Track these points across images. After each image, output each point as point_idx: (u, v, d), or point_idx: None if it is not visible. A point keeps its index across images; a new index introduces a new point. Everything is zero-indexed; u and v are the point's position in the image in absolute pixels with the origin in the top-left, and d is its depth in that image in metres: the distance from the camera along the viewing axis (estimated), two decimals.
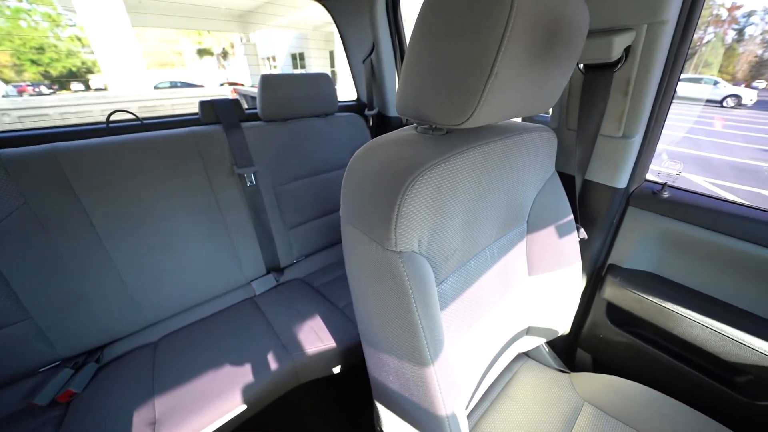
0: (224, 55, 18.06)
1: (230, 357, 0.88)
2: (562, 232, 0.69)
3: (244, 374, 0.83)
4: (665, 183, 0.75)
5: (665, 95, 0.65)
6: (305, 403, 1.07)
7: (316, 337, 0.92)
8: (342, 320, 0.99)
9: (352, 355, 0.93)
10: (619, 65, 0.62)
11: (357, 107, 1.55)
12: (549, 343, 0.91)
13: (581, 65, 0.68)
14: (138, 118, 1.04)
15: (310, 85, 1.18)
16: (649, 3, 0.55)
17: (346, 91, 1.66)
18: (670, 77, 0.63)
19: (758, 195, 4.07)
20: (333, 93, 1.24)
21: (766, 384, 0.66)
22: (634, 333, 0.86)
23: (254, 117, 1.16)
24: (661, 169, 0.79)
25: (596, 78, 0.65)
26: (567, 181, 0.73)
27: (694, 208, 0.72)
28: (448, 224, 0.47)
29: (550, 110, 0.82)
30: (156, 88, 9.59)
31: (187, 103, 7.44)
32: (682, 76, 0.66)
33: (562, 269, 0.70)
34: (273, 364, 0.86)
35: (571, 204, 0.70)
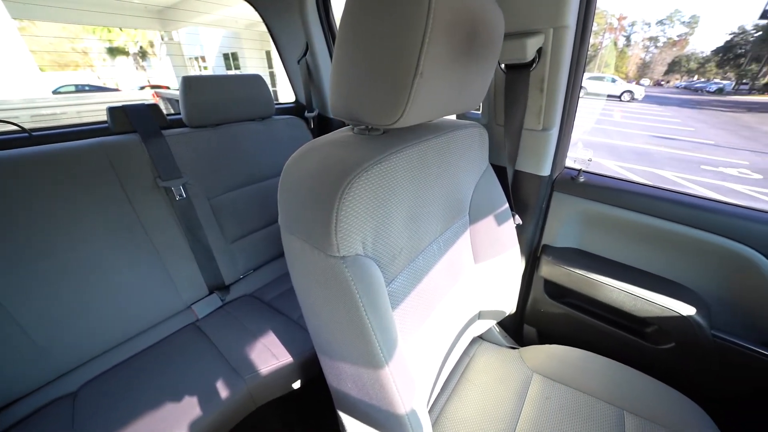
0: (143, 54, 16.11)
1: (172, 392, 0.79)
2: (500, 220, 0.74)
3: (191, 408, 0.75)
4: (580, 169, 0.86)
5: (573, 91, 0.74)
6: (266, 426, 1.01)
7: (270, 355, 0.87)
8: (298, 332, 0.95)
9: (312, 367, 0.90)
10: (534, 65, 0.69)
11: (296, 109, 1.49)
12: (499, 324, 0.97)
13: (503, 65, 0.73)
14: (24, 130, 0.87)
15: (241, 88, 1.10)
16: (553, 10, 0.62)
17: (288, 93, 1.59)
18: (575, 75, 0.72)
19: (653, 174, 4.88)
20: (267, 95, 1.17)
21: (665, 331, 0.79)
22: (568, 303, 0.96)
23: (179, 123, 1.05)
24: (576, 156, 0.90)
25: (516, 77, 0.71)
26: (500, 172, 0.78)
27: (604, 189, 0.83)
28: (392, 223, 0.48)
29: (481, 108, 0.88)
30: (56, 92, 8.10)
31: (98, 110, 6.42)
32: (590, 74, 0.75)
33: (503, 254, 0.75)
34: (224, 392, 0.79)
35: (505, 193, 0.76)
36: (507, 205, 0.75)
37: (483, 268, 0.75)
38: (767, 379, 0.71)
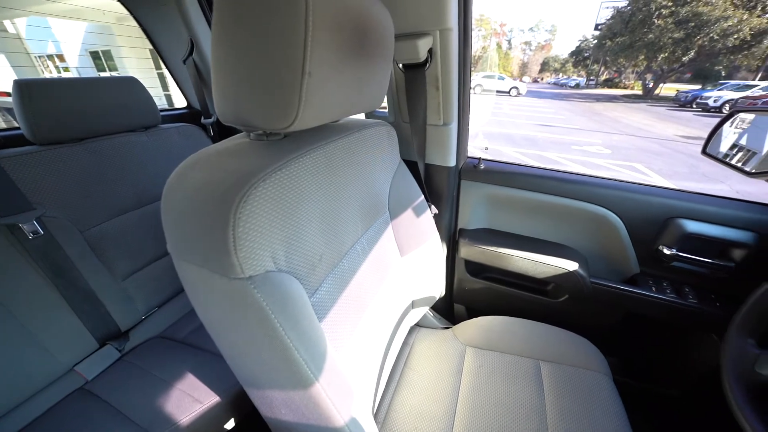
0: None
1: None
2: (418, 212, 0.77)
3: None
4: (480, 158, 0.96)
5: (465, 88, 0.82)
6: None
7: (191, 400, 0.75)
8: (222, 367, 0.84)
9: (245, 400, 0.80)
10: (428, 65, 0.73)
11: (190, 116, 1.32)
12: (432, 308, 1.03)
13: (400, 65, 0.77)
14: None
15: (111, 93, 0.91)
16: (438, 14, 0.66)
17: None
18: (465, 74, 0.79)
19: (540, 156, 5.82)
20: (148, 101, 1.00)
21: (560, 286, 0.95)
22: (487, 278, 1.07)
23: (22, 141, 0.82)
24: (475, 147, 1.00)
25: (414, 76, 0.75)
26: (412, 167, 0.82)
27: (501, 174, 0.95)
28: (305, 231, 0.45)
29: (387, 106, 0.91)
30: None
31: None
32: (484, 73, 0.84)
33: (426, 243, 0.79)
34: None
35: (419, 186, 0.80)
36: (422, 197, 0.79)
37: (409, 260, 0.77)
38: (628, 306, 0.90)
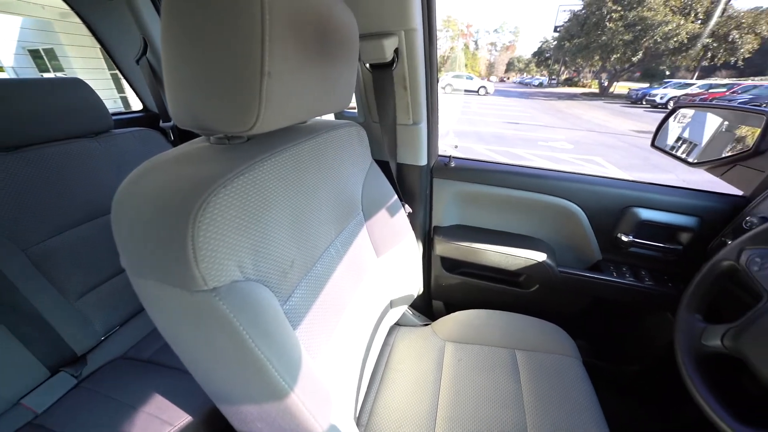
0: None
1: None
2: (392, 212, 0.77)
3: None
4: (450, 156, 0.97)
5: (432, 88, 0.83)
6: None
7: (160, 423, 0.70)
8: (193, 384, 0.79)
9: (219, 416, 0.77)
10: (395, 65, 0.73)
11: (147, 119, 1.23)
12: (411, 306, 1.03)
13: (367, 65, 0.76)
14: None
15: (51, 96, 0.82)
16: (401, 14, 0.67)
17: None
18: (431, 73, 0.80)
19: (510, 152, 6.05)
20: (97, 104, 0.92)
21: (531, 276, 0.98)
22: (463, 273, 1.10)
23: None
24: (447, 145, 1.02)
25: (381, 76, 0.75)
26: (384, 166, 0.82)
27: (471, 171, 0.97)
28: (274, 236, 0.44)
29: (356, 107, 0.90)
30: None
31: None
32: (453, 73, 0.86)
33: (401, 243, 0.79)
34: None
35: (392, 186, 0.80)
36: (396, 196, 0.80)
37: (385, 260, 0.77)
38: (594, 291, 0.96)
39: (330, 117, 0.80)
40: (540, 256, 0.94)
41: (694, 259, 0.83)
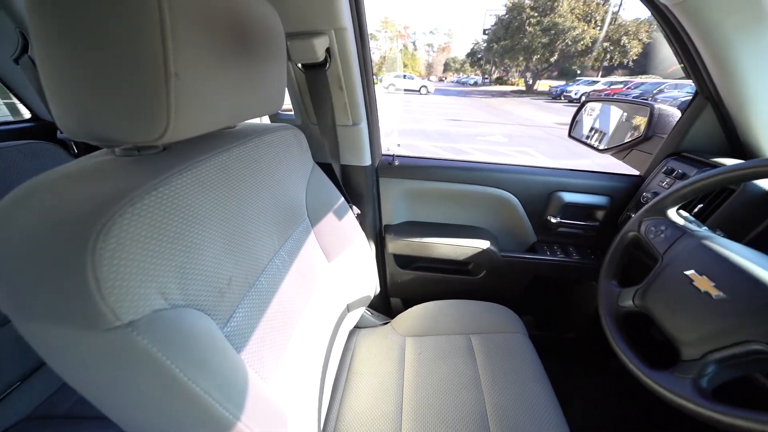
0: None
1: None
2: (340, 215, 0.76)
3: None
4: (393, 155, 0.99)
5: (369, 87, 0.83)
6: None
7: None
8: None
9: None
10: (328, 65, 0.72)
11: (39, 129, 1.05)
12: (370, 306, 1.03)
13: (299, 65, 0.74)
14: None
15: None
16: (329, 12, 0.65)
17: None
18: (367, 73, 0.80)
19: (453, 148, 6.38)
20: None
21: (478, 264, 1.04)
22: (416, 268, 1.12)
23: None
24: (394, 144, 1.04)
25: (315, 76, 0.73)
26: (328, 169, 0.80)
27: (414, 168, 0.99)
28: (204, 254, 0.39)
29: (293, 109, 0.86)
30: None
31: None
32: (395, 73, 0.86)
33: (352, 245, 0.78)
34: None
35: (338, 188, 0.79)
36: (342, 199, 0.78)
37: (338, 264, 0.75)
38: (532, 271, 1.05)
39: (266, 120, 0.76)
40: (484, 244, 1.00)
41: (608, 233, 0.95)
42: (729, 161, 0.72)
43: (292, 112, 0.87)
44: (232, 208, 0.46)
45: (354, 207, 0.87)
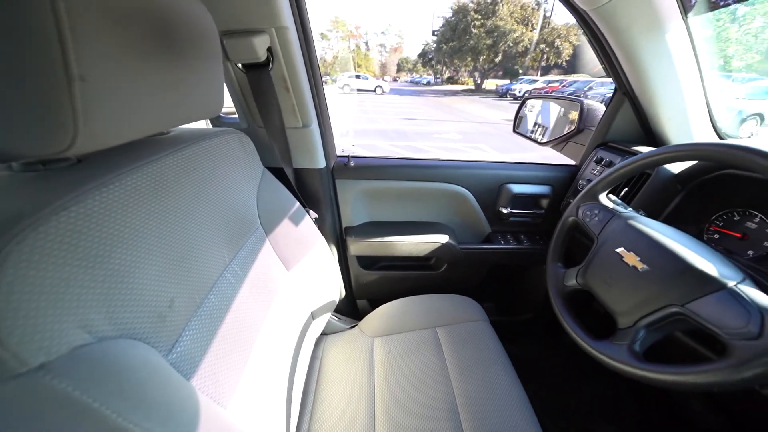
0: None
1: None
2: (296, 220, 0.73)
3: None
4: (349, 156, 0.98)
5: (318, 88, 0.81)
6: None
7: None
8: None
9: None
10: (271, 65, 0.69)
11: None
12: (336, 311, 1.01)
13: (239, 65, 0.69)
14: None
15: None
16: (269, 11, 0.62)
17: None
18: (314, 73, 0.78)
19: (411, 146, 6.52)
20: None
21: (439, 258, 1.07)
22: (380, 267, 1.12)
23: None
24: (345, 144, 1.02)
25: (258, 77, 0.70)
26: (280, 174, 0.77)
27: (371, 168, 0.99)
28: (136, 275, 0.35)
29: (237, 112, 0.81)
30: None
31: None
32: (350, 73, 0.84)
33: (312, 250, 0.76)
34: None
35: (292, 193, 0.76)
36: (298, 204, 0.75)
37: (298, 272, 0.72)
38: (489, 260, 1.10)
39: (201, 125, 0.70)
40: (443, 238, 1.03)
41: (553, 219, 1.03)
42: (645, 149, 0.82)
43: (236, 116, 0.82)
44: (171, 222, 0.42)
45: (311, 211, 0.84)
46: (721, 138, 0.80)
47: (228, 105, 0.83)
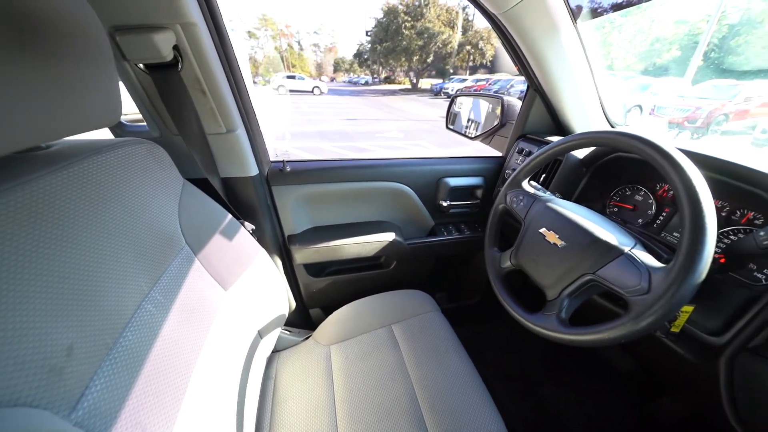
0: None
1: None
2: (230, 234, 0.67)
3: None
4: (284, 161, 0.93)
5: (240, 89, 0.74)
6: None
7: None
8: None
9: None
10: (181, 65, 0.61)
11: None
12: (286, 325, 0.95)
13: (140, 66, 0.61)
14: None
15: None
16: (170, 5, 0.55)
17: None
18: (234, 73, 0.72)
19: (354, 146, 6.50)
20: None
21: (389, 256, 1.08)
22: (329, 273, 1.09)
23: None
24: (285, 148, 0.97)
25: (166, 79, 0.62)
26: (206, 185, 0.69)
27: (309, 172, 0.95)
28: (13, 323, 0.28)
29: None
30: None
31: None
32: (285, 74, 0.77)
33: (252, 265, 0.70)
34: None
35: (222, 205, 0.69)
36: (230, 216, 0.69)
37: (238, 290, 0.66)
38: (436, 252, 1.14)
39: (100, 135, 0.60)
40: (390, 236, 1.04)
41: (488, 208, 1.11)
42: (555, 139, 0.93)
43: (145, 123, 0.72)
44: (62, 252, 0.34)
45: (246, 223, 0.78)
46: (612, 126, 0.94)
47: (135, 111, 0.72)
